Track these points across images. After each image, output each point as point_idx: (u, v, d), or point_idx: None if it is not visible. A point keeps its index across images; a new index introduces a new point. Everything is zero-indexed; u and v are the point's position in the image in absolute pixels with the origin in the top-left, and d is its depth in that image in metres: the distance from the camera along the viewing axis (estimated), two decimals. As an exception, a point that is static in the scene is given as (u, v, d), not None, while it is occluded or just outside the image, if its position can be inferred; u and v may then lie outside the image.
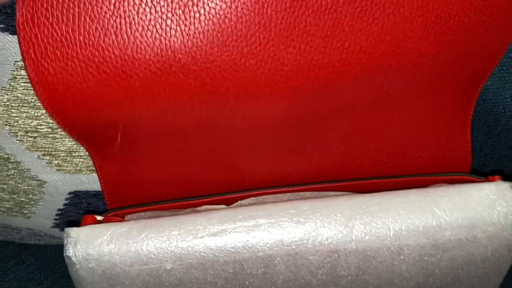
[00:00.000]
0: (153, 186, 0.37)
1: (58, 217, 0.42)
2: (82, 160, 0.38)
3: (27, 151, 0.36)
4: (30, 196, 0.39)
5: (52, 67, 0.29)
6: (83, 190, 0.40)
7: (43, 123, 0.35)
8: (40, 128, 0.36)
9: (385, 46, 0.31)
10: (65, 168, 0.38)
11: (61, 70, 0.29)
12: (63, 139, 0.36)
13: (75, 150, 0.37)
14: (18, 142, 0.36)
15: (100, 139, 0.34)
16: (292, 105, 0.33)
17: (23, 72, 0.33)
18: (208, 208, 0.35)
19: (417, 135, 0.37)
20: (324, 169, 0.38)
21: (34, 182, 0.38)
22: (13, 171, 0.38)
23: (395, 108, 0.36)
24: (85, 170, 0.38)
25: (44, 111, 0.34)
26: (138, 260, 0.32)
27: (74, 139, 0.33)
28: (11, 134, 0.35)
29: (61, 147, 0.37)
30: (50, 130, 0.36)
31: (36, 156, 0.37)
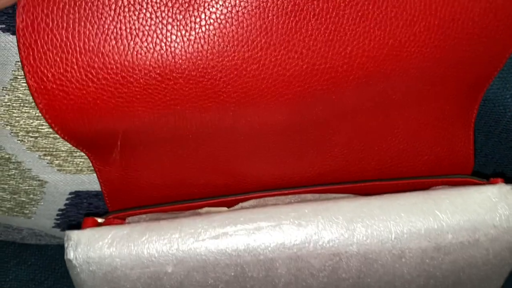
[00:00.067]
0: (153, 189, 0.37)
1: (59, 217, 0.42)
2: (83, 160, 0.38)
3: (28, 151, 0.36)
4: (31, 196, 0.39)
5: (51, 73, 0.29)
6: (84, 190, 0.39)
7: (44, 123, 0.35)
8: (41, 128, 0.35)
9: (388, 50, 0.31)
10: (66, 168, 0.38)
11: (60, 77, 0.29)
12: (64, 139, 0.36)
13: (76, 150, 0.37)
14: (19, 142, 0.36)
15: (100, 145, 0.33)
16: (294, 110, 0.32)
17: (24, 72, 0.33)
18: (209, 211, 0.35)
19: (419, 138, 0.37)
20: (326, 172, 0.37)
21: (35, 182, 0.38)
22: (14, 171, 0.38)
23: (398, 112, 0.35)
24: (86, 170, 0.38)
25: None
26: (139, 263, 0.32)
27: (74, 145, 0.33)
28: (12, 134, 0.35)
29: (62, 147, 0.37)
30: (51, 130, 0.35)
31: (37, 156, 0.37)
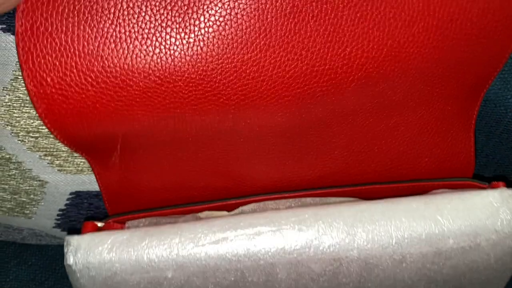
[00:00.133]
0: (153, 192, 0.37)
1: (59, 217, 0.42)
2: (84, 160, 0.37)
3: (29, 152, 0.36)
4: (32, 196, 0.39)
5: (51, 77, 0.29)
6: (85, 190, 0.39)
7: (44, 124, 0.35)
8: (42, 129, 0.35)
9: (387, 51, 0.31)
10: (66, 169, 0.38)
11: (59, 81, 0.29)
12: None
13: (76, 151, 0.37)
14: (19, 142, 0.35)
15: (100, 149, 0.33)
16: (293, 112, 0.32)
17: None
18: (209, 214, 0.35)
19: (419, 140, 0.37)
20: (326, 175, 0.37)
21: (35, 183, 0.38)
22: (14, 171, 0.37)
23: (398, 114, 0.35)
24: (86, 171, 0.38)
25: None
26: (139, 268, 0.31)
27: (73, 150, 0.33)
28: (12, 134, 0.35)
29: (62, 148, 0.36)
30: (51, 130, 0.35)
31: (37, 156, 0.36)
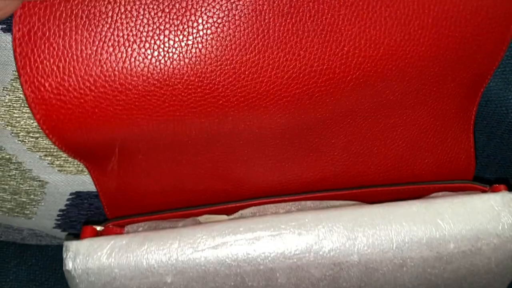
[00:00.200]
0: (152, 195, 0.36)
1: (59, 217, 0.42)
2: (83, 161, 0.37)
3: (29, 152, 0.36)
4: (32, 196, 0.39)
5: (49, 82, 0.28)
6: (85, 190, 0.39)
7: (44, 124, 0.35)
8: (42, 129, 0.35)
9: (384, 49, 0.31)
10: (66, 169, 0.37)
11: (57, 86, 0.29)
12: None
13: (76, 151, 0.37)
14: (19, 142, 0.35)
15: (98, 155, 0.33)
16: (293, 112, 0.32)
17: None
18: (208, 218, 0.35)
19: (419, 140, 0.37)
20: (326, 177, 0.37)
21: (35, 183, 0.38)
22: (14, 171, 0.37)
23: (396, 113, 0.35)
24: (86, 171, 0.38)
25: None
26: (138, 273, 0.31)
27: (72, 156, 0.33)
28: (12, 134, 0.35)
29: (62, 148, 0.36)
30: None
31: (37, 156, 0.36)
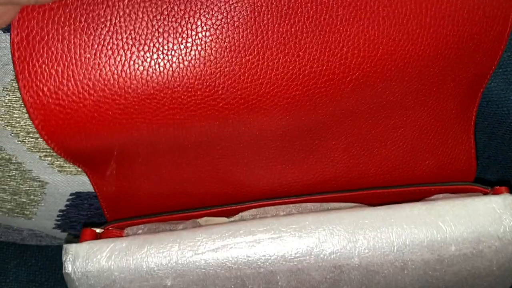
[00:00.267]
0: (152, 199, 0.36)
1: (59, 218, 0.42)
2: (83, 161, 0.37)
3: (29, 152, 0.36)
4: (32, 197, 0.39)
5: (47, 87, 0.28)
6: (85, 191, 0.39)
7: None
8: (42, 129, 0.35)
9: (383, 49, 0.31)
10: (66, 169, 0.37)
11: (56, 90, 0.28)
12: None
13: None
14: (19, 143, 0.35)
15: (97, 159, 0.33)
16: (293, 114, 0.32)
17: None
18: (208, 220, 0.35)
19: (419, 141, 0.37)
20: (326, 179, 0.37)
21: (35, 183, 0.38)
22: (14, 172, 0.37)
23: (396, 114, 0.35)
24: (86, 171, 0.38)
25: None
26: (138, 276, 0.31)
27: (71, 162, 0.33)
28: (12, 135, 0.35)
29: (62, 148, 0.36)
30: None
31: (37, 157, 0.36)
